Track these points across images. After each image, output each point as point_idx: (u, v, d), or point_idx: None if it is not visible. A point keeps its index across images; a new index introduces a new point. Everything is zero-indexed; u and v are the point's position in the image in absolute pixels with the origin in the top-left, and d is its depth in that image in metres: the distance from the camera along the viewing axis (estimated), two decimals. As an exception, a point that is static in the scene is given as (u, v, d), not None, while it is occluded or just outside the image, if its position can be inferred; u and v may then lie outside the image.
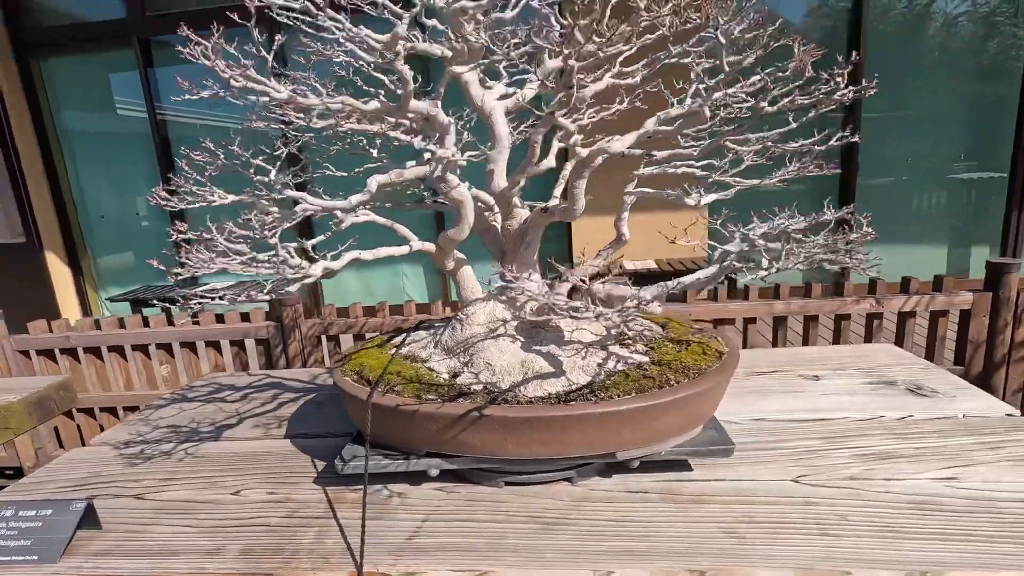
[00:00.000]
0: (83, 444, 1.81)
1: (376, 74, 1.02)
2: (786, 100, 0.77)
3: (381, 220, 1.08)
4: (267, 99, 0.71)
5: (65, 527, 0.85)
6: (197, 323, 2.31)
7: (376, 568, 0.75)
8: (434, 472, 0.91)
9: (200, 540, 0.85)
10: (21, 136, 5.26)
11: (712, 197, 0.98)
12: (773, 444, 1.00)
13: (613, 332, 1.04)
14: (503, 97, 1.02)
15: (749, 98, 0.78)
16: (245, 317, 2.34)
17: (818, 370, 1.33)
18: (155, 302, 4.43)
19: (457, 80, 0.98)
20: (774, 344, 2.13)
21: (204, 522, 0.90)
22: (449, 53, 0.82)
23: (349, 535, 0.83)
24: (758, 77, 0.78)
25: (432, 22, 0.86)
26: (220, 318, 2.34)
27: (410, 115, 0.84)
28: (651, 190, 1.00)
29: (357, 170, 1.17)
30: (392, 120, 1.02)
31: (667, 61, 0.86)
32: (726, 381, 0.93)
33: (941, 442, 0.97)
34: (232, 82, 0.67)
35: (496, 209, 1.06)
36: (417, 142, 0.86)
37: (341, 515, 0.88)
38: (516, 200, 1.03)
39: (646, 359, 0.93)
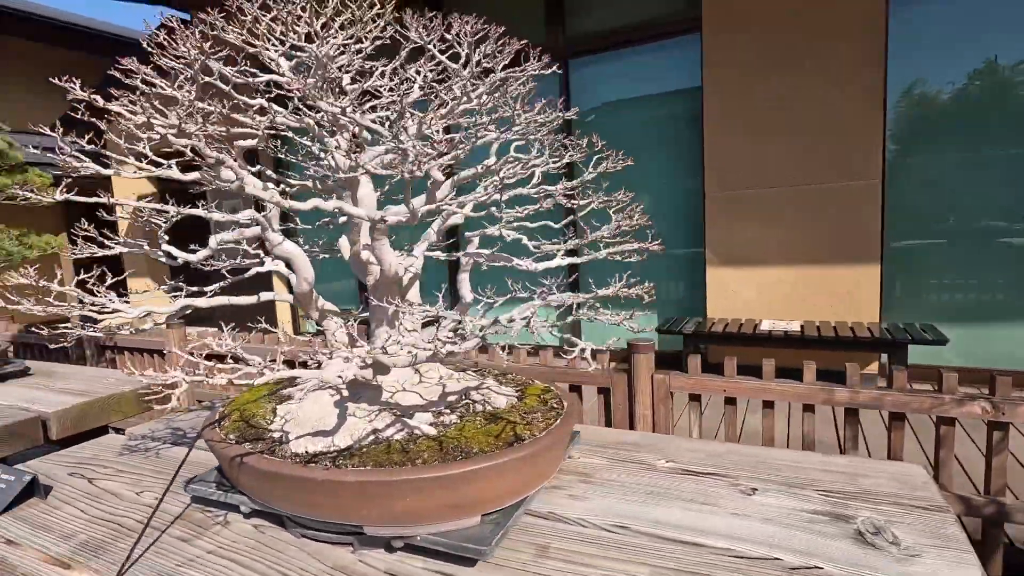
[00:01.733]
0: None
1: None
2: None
3: (284, 271, 1.20)
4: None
5: (11, 491, 1.12)
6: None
7: (126, 583, 0.84)
8: (245, 509, 0.97)
9: (73, 524, 1.04)
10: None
11: (546, 265, 0.89)
12: (591, 561, 0.83)
13: (451, 398, 0.99)
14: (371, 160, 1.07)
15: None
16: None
17: (768, 482, 1.04)
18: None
19: (324, 145, 1.06)
20: (841, 448, 1.66)
21: (95, 511, 1.09)
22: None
23: (155, 549, 0.93)
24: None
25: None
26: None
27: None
28: (486, 251, 0.94)
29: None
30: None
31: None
32: (509, 470, 0.82)
33: (804, 613, 0.70)
34: (72, 160, 0.87)
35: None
36: (205, 213, 0.96)
37: (171, 530, 1.00)
38: (371, 258, 1.06)
39: (432, 431, 0.87)
